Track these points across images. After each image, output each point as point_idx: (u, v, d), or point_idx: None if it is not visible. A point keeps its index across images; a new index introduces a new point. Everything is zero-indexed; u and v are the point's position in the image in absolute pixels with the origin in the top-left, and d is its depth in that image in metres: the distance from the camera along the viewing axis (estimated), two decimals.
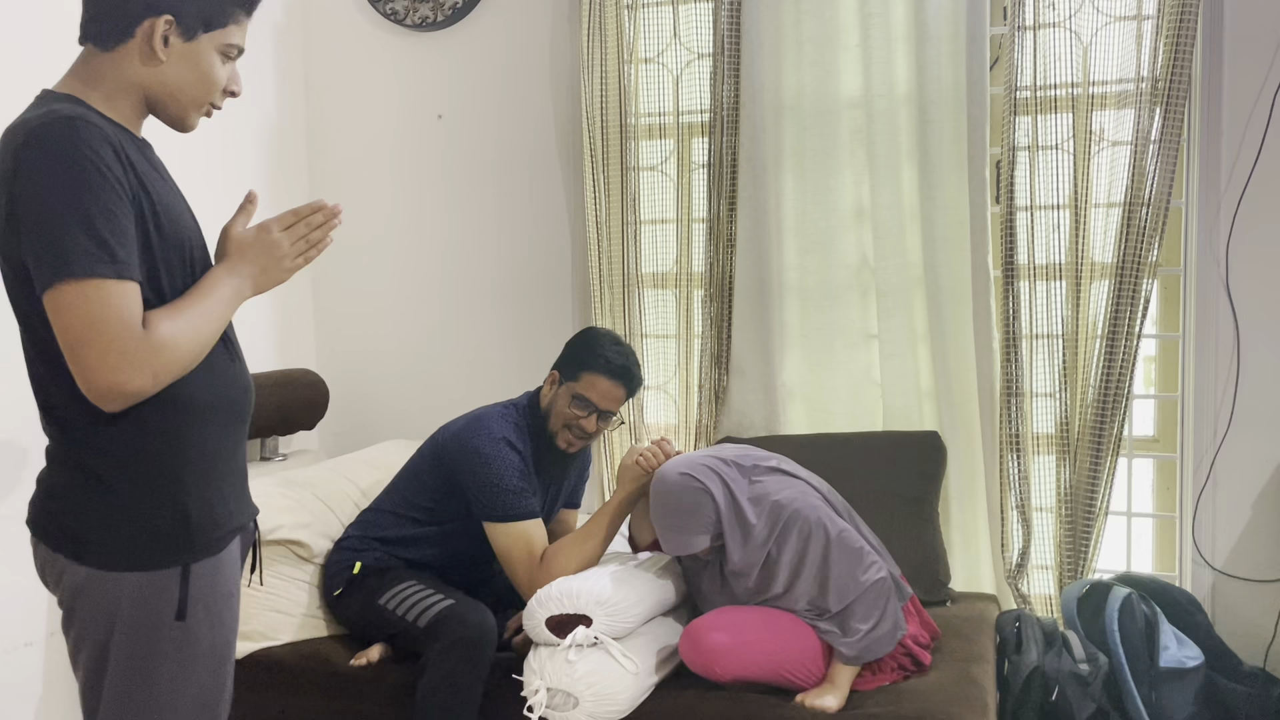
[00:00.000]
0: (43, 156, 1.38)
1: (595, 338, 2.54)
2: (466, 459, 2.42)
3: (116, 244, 1.38)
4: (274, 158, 3.33)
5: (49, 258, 1.37)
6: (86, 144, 1.39)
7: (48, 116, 1.41)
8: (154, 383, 1.42)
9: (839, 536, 2.22)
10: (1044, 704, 2.39)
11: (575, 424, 2.48)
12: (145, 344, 1.40)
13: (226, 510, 1.57)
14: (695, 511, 2.23)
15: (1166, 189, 2.64)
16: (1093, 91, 2.72)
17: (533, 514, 2.40)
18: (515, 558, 2.37)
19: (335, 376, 3.46)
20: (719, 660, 2.18)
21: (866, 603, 2.18)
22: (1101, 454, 2.72)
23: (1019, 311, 2.79)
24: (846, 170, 2.95)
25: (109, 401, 1.40)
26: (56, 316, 1.38)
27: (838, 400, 3.02)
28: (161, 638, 1.48)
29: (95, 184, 1.38)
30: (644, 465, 2.36)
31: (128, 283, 1.40)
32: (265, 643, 2.47)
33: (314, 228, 1.60)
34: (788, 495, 2.28)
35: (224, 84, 1.58)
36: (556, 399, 2.50)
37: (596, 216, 3.12)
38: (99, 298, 1.37)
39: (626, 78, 3.06)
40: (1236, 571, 2.76)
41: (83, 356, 1.37)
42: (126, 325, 1.38)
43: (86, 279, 1.36)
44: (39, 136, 1.39)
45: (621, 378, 2.48)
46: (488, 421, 2.48)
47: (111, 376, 1.38)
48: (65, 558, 1.49)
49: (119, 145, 1.44)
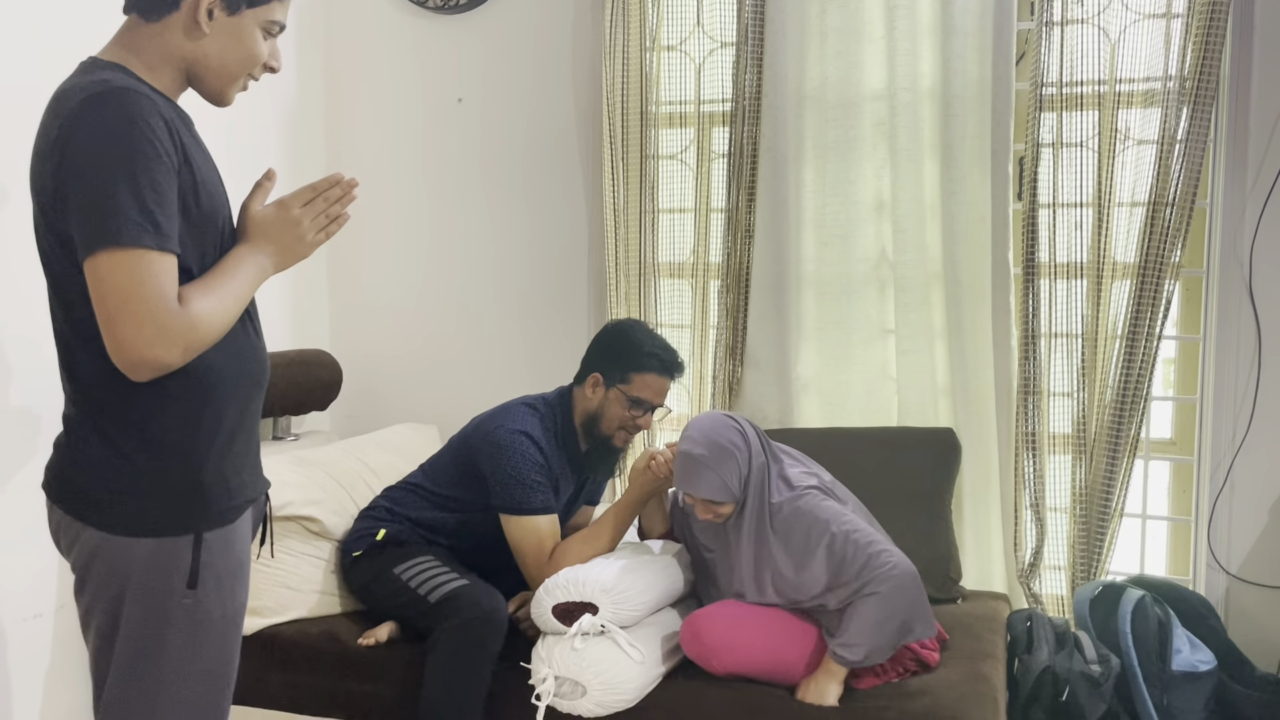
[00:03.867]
0: (95, 124, 1.38)
1: (634, 336, 2.52)
2: (486, 450, 2.44)
3: (162, 216, 1.39)
4: (292, 138, 3.33)
5: (96, 225, 1.37)
6: (140, 114, 1.40)
7: (100, 85, 1.41)
8: (184, 357, 1.43)
9: (850, 534, 2.20)
10: (1054, 704, 2.37)
11: (631, 424, 2.50)
12: (181, 319, 1.41)
13: (240, 481, 1.58)
14: (728, 454, 2.22)
15: (1191, 189, 2.61)
16: (1119, 89, 2.69)
17: (546, 510, 2.40)
18: (525, 551, 2.38)
19: (349, 358, 3.46)
20: (717, 654, 2.18)
21: (881, 599, 2.16)
22: (1118, 455, 2.70)
23: (1038, 309, 2.77)
24: (868, 163, 2.93)
25: (139, 372, 1.41)
26: (97, 283, 1.38)
27: (852, 395, 3.00)
28: (172, 605, 1.49)
29: (146, 155, 1.39)
30: (655, 472, 2.36)
31: (169, 256, 1.41)
32: (274, 619, 2.47)
33: (332, 202, 1.60)
34: (807, 486, 2.28)
35: (264, 59, 1.59)
36: (608, 404, 2.49)
37: (614, 204, 3.10)
38: (141, 268, 1.37)
39: (648, 65, 3.05)
40: (1251, 577, 2.74)
41: (119, 326, 1.38)
42: (164, 299, 1.39)
43: (131, 248, 1.37)
44: (92, 104, 1.39)
45: (672, 371, 2.50)
46: (511, 414, 2.48)
47: (146, 350, 1.38)
48: (80, 522, 1.50)
49: (169, 118, 1.45)
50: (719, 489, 2.22)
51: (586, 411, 2.52)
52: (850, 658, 2.13)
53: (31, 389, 2.36)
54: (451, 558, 2.46)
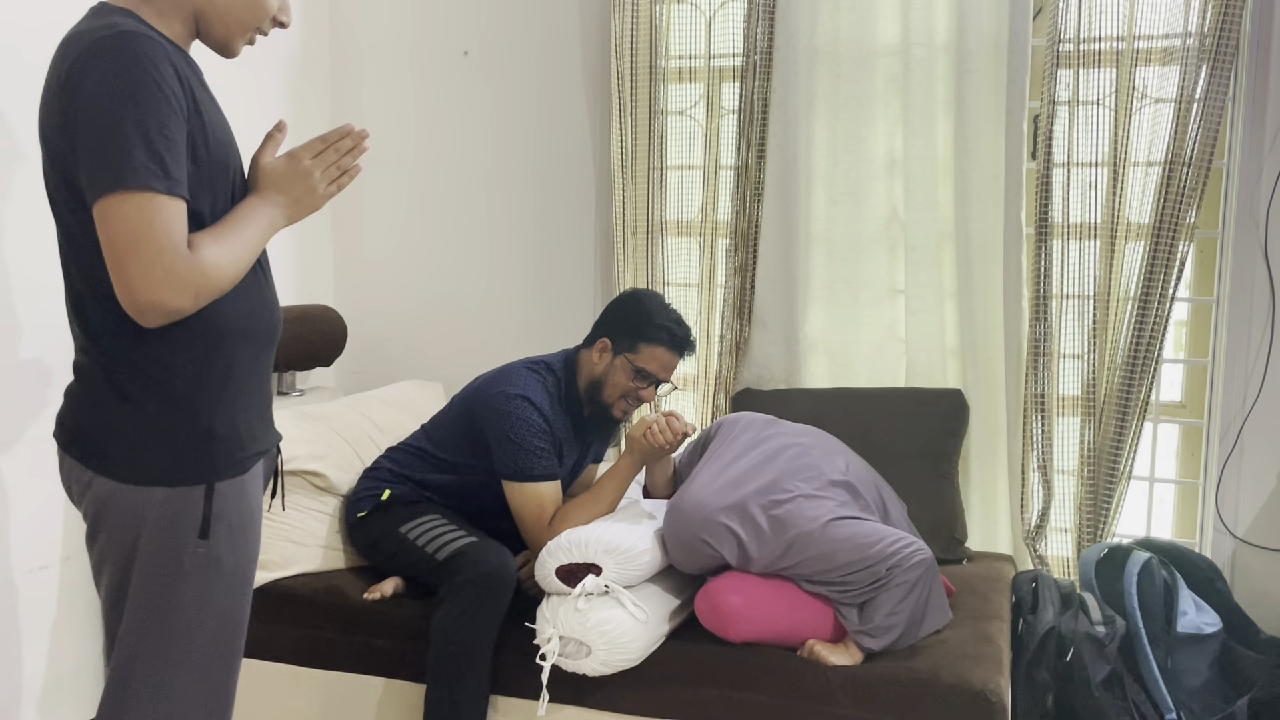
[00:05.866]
0: (105, 68, 1.37)
1: (648, 306, 2.49)
2: (488, 414, 2.43)
3: (171, 161, 1.39)
4: (298, 92, 3.29)
5: (105, 167, 1.36)
6: (149, 59, 1.39)
7: (111, 29, 1.40)
8: (194, 303, 1.42)
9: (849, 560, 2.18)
10: (1058, 664, 2.37)
11: (633, 394, 2.48)
12: (191, 264, 1.40)
13: (251, 432, 1.58)
14: (700, 559, 2.24)
15: (1209, 149, 2.57)
16: (1137, 46, 2.64)
17: (548, 475, 2.39)
18: (526, 517, 2.38)
19: (354, 314, 3.44)
20: (734, 623, 2.18)
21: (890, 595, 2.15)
22: (1127, 418, 2.69)
23: (1050, 270, 2.74)
24: (880, 120, 2.89)
25: (148, 317, 1.40)
26: (105, 226, 1.37)
27: (860, 355, 2.98)
28: (185, 555, 1.49)
29: (155, 99, 1.38)
30: (651, 442, 2.34)
31: (178, 200, 1.40)
32: (280, 573, 2.48)
33: (343, 154, 1.60)
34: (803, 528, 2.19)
35: (273, 11, 1.59)
36: (613, 371, 2.47)
37: (622, 160, 3.07)
38: (150, 211, 1.36)
39: (658, 17, 3.00)
40: (1258, 540, 2.73)
41: (128, 269, 1.37)
42: (173, 242, 1.38)
43: (140, 191, 1.36)
44: (102, 47, 1.38)
45: (682, 348, 2.48)
46: (513, 378, 2.46)
47: (155, 293, 1.37)
48: (91, 471, 1.49)
49: (178, 64, 1.44)
50: (693, 571, 2.28)
51: (591, 376, 2.50)
52: (872, 645, 2.15)
53: (41, 341, 2.35)
54: (459, 517, 2.46)
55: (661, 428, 2.33)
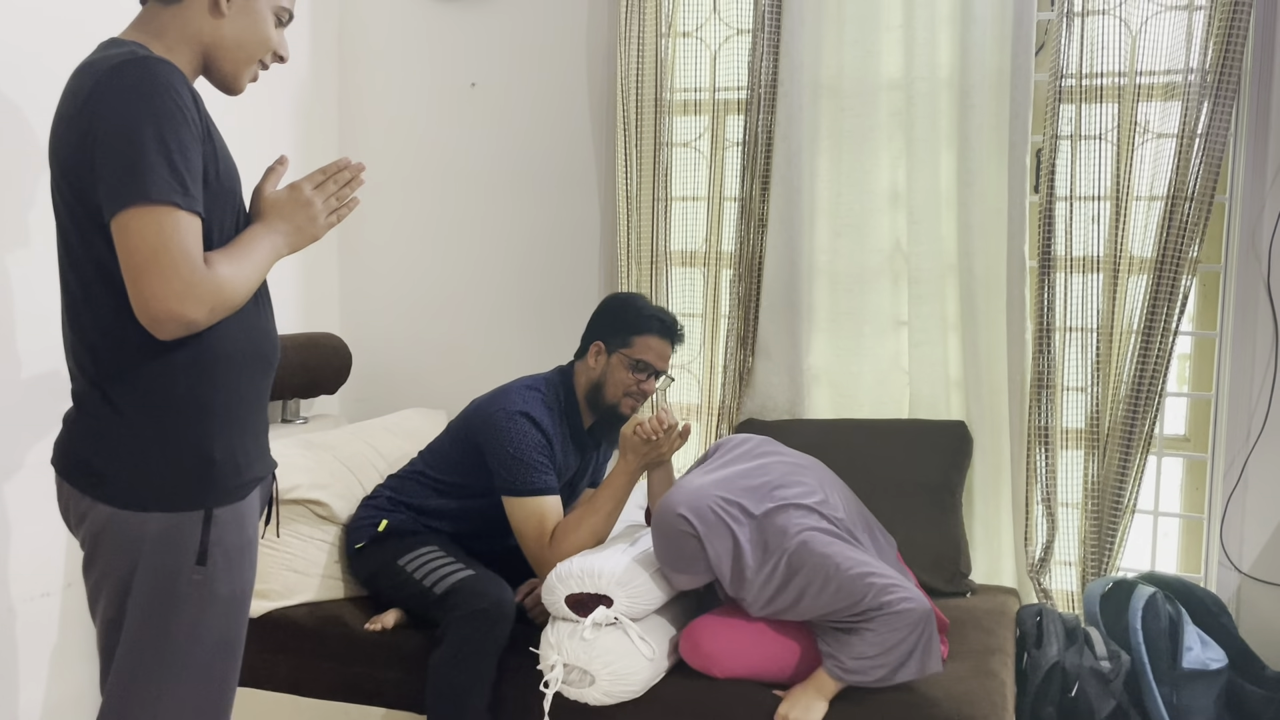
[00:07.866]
0: (129, 87, 1.41)
1: (631, 302, 2.59)
2: (488, 431, 2.43)
3: (189, 178, 1.42)
4: (305, 123, 3.31)
5: (127, 181, 1.39)
6: (169, 83, 1.43)
7: (128, 55, 1.45)
8: (209, 317, 1.45)
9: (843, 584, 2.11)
10: (1063, 700, 2.36)
11: (636, 389, 2.51)
12: (207, 279, 1.43)
13: (249, 459, 1.59)
14: (687, 556, 2.16)
15: (1211, 184, 2.59)
16: (1139, 82, 2.66)
17: (548, 490, 2.39)
18: (527, 533, 2.38)
19: (358, 342, 3.45)
20: (717, 662, 2.18)
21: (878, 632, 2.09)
22: (1131, 451, 2.68)
23: (1054, 303, 2.75)
24: (883, 153, 2.91)
25: (164, 328, 1.42)
26: (125, 239, 1.40)
27: (864, 386, 2.99)
28: (182, 581, 1.49)
29: (176, 120, 1.42)
30: (643, 434, 2.35)
31: (195, 217, 1.43)
32: (282, 602, 2.47)
33: (341, 185, 1.64)
34: (797, 542, 2.15)
35: (275, 45, 1.64)
36: (611, 370, 2.51)
37: (627, 191, 3.09)
38: (170, 225, 1.39)
39: (663, 51, 3.02)
40: (1264, 575, 2.72)
41: (147, 281, 1.39)
42: (191, 256, 1.41)
43: (161, 205, 1.39)
44: (126, 69, 1.42)
45: (672, 334, 2.55)
46: (512, 396, 2.48)
47: (174, 304, 1.40)
48: (89, 497, 1.50)
49: (193, 91, 1.49)
50: (681, 583, 2.22)
51: (590, 381, 2.53)
52: (843, 676, 2.09)
53: (43, 368, 2.36)
54: (455, 546, 2.46)
55: (653, 423, 2.35)
